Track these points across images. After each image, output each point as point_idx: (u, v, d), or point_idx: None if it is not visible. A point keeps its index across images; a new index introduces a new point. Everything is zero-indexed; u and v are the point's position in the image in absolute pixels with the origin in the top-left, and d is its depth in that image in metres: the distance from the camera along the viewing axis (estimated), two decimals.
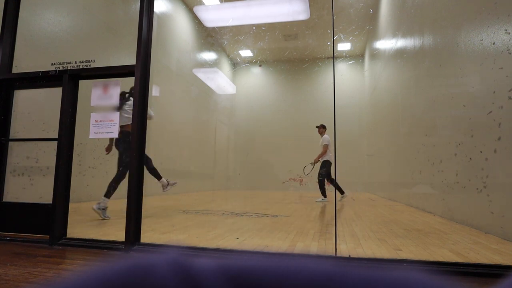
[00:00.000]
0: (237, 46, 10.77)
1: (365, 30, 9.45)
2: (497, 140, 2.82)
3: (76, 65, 2.83)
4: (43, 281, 1.56)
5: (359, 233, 3.00)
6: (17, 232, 2.77)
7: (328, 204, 5.93)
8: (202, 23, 9.69)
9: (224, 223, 3.65)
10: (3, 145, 2.93)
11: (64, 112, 2.71)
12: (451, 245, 2.51)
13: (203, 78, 10.30)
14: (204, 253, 2.30)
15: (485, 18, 3.01)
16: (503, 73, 2.75)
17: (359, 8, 8.34)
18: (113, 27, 3.79)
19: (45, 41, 3.20)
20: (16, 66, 3.06)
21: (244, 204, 6.09)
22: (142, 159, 2.59)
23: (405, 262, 2.07)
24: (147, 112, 2.66)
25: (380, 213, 4.62)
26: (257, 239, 2.76)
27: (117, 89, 2.76)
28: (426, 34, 4.66)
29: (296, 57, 10.89)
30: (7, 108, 2.97)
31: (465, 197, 3.45)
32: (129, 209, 2.48)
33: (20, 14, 3.14)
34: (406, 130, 5.66)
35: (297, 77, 11.17)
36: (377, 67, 8.52)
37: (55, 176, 2.64)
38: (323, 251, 2.35)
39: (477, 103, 3.20)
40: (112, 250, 2.44)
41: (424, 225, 3.51)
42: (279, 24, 9.00)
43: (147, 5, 2.70)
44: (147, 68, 2.66)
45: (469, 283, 1.79)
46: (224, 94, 11.56)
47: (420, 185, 5.00)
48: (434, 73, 4.35)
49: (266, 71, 11.74)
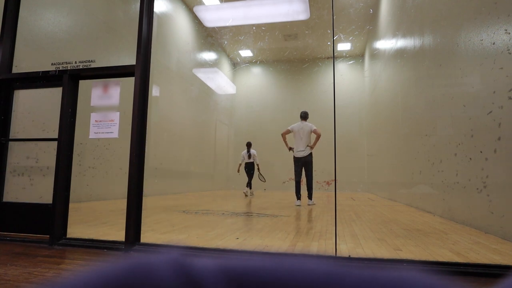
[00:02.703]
0: (237, 46, 10.77)
1: (365, 30, 9.45)
2: (497, 140, 2.82)
3: (76, 65, 2.83)
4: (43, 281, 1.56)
5: (359, 233, 3.00)
6: (17, 232, 2.77)
7: (328, 204, 5.93)
8: (202, 23, 9.69)
9: (224, 223, 3.66)
10: (3, 145, 2.93)
11: (64, 112, 2.71)
12: (451, 245, 2.51)
13: (203, 78, 10.30)
14: (204, 253, 2.30)
15: (485, 18, 3.01)
16: (503, 73, 2.75)
17: (359, 8, 8.34)
18: (113, 27, 3.79)
19: (45, 41, 3.20)
20: (16, 66, 3.06)
21: (244, 204, 6.10)
22: (142, 159, 2.59)
23: (405, 262, 2.07)
24: (147, 112, 2.66)
25: (380, 213, 4.62)
26: (257, 239, 2.76)
27: (117, 89, 2.76)
28: (426, 34, 4.66)
29: (296, 57, 10.89)
30: (7, 108, 2.97)
31: (465, 197, 3.45)
32: (129, 209, 2.48)
33: (20, 14, 3.14)
34: (406, 130, 5.66)
35: (297, 77, 11.17)
36: (377, 67, 8.52)
37: (55, 176, 2.64)
38: (323, 251, 2.35)
39: (477, 103, 3.20)
40: (112, 250, 2.44)
41: (424, 225, 3.51)
42: (279, 24, 9.00)
43: (147, 5, 2.70)
44: (147, 68, 2.66)
45: (469, 283, 1.79)
46: (224, 94, 11.57)
47: (420, 185, 5.00)
48: (434, 73, 4.35)
49: (266, 71, 11.74)
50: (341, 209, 4.94)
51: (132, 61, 2.65)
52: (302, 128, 5.81)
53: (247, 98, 11.58)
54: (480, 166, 3.10)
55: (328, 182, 9.64)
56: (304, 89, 10.93)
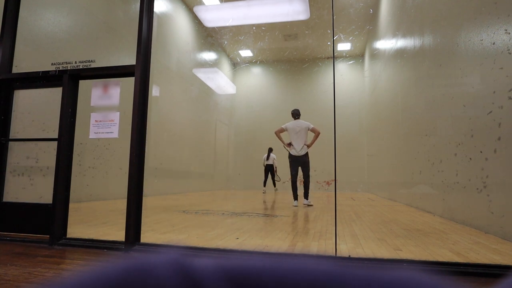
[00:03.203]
0: (237, 46, 10.77)
1: (365, 30, 9.45)
2: (497, 140, 2.82)
3: (76, 65, 2.83)
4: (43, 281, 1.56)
5: (359, 233, 3.00)
6: (17, 232, 2.77)
7: (328, 204, 5.93)
8: (202, 23, 9.69)
9: (224, 223, 3.66)
10: (3, 145, 2.93)
11: (64, 112, 2.71)
12: (451, 245, 2.51)
13: (203, 78, 10.30)
14: (204, 253, 2.30)
15: (485, 18, 3.01)
16: (503, 73, 2.75)
17: (359, 8, 8.34)
18: (113, 27, 3.79)
19: (45, 41, 3.20)
20: (16, 66, 3.06)
21: (244, 204, 6.09)
22: (142, 159, 2.59)
23: (405, 262, 2.07)
24: (147, 112, 2.66)
25: (380, 213, 4.62)
26: (257, 239, 2.76)
27: (117, 89, 2.76)
28: (426, 34, 4.66)
29: (296, 57, 10.89)
30: (7, 108, 2.97)
31: (465, 197, 3.45)
32: (129, 209, 2.48)
33: (20, 14, 3.14)
34: (406, 130, 5.66)
35: (297, 77, 11.17)
36: (377, 67, 8.52)
37: (55, 176, 2.64)
38: (323, 251, 2.35)
39: (477, 103, 3.20)
40: (112, 250, 2.44)
41: (424, 225, 3.51)
42: (279, 24, 9.00)
43: (147, 5, 2.70)
44: (147, 68, 2.66)
45: (469, 283, 1.79)
46: (224, 94, 11.57)
47: (420, 185, 5.00)
48: (434, 73, 4.35)
49: (266, 71, 11.74)
50: (341, 209, 4.94)
51: (132, 61, 2.65)
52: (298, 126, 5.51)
53: (247, 98, 11.58)
54: (480, 166, 3.10)
55: (328, 182, 9.64)
56: (304, 89, 10.93)
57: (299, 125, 5.51)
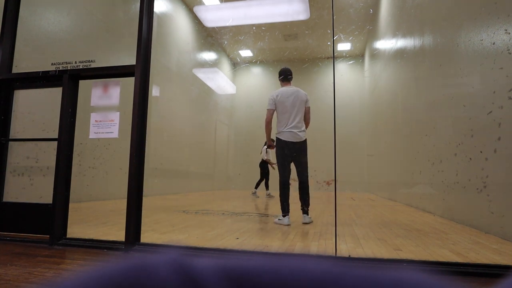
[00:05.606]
0: (237, 46, 10.77)
1: (365, 30, 9.45)
2: (497, 140, 2.82)
3: (76, 65, 2.83)
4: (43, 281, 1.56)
5: (359, 233, 3.00)
6: (17, 232, 2.77)
7: (328, 204, 5.92)
8: (202, 23, 9.69)
9: (224, 223, 3.65)
10: (3, 145, 2.93)
11: (64, 112, 2.71)
12: (451, 245, 2.51)
13: (203, 78, 10.30)
14: (204, 253, 2.30)
15: (485, 18, 3.01)
16: (503, 73, 2.75)
17: (359, 8, 8.34)
18: (113, 27, 3.79)
19: (45, 41, 3.20)
20: (16, 66, 3.06)
21: (244, 204, 6.09)
22: (142, 159, 2.59)
23: (405, 262, 2.07)
24: (147, 112, 2.66)
25: (380, 213, 4.62)
26: (257, 239, 2.76)
27: (117, 89, 2.76)
28: (426, 34, 4.66)
29: (296, 57, 10.88)
30: (7, 108, 2.97)
31: (465, 197, 3.45)
32: (129, 209, 2.48)
33: (20, 14, 3.14)
34: (406, 130, 5.66)
35: (297, 77, 11.15)
36: (377, 67, 8.52)
37: (55, 176, 2.64)
38: (323, 251, 2.35)
39: (477, 103, 3.20)
40: (112, 250, 2.44)
41: (424, 225, 3.51)
42: (279, 24, 8.99)
43: (147, 5, 2.70)
44: (147, 68, 2.66)
45: (469, 283, 1.79)
46: (224, 94, 11.56)
47: (420, 185, 5.00)
48: (434, 73, 4.35)
49: (266, 71, 11.74)
50: (341, 209, 4.94)
51: (132, 61, 2.65)
52: (293, 96, 3.57)
53: (247, 98, 11.57)
54: (480, 166, 3.10)
55: (328, 182, 9.64)
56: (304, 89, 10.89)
57: (295, 93, 3.60)
